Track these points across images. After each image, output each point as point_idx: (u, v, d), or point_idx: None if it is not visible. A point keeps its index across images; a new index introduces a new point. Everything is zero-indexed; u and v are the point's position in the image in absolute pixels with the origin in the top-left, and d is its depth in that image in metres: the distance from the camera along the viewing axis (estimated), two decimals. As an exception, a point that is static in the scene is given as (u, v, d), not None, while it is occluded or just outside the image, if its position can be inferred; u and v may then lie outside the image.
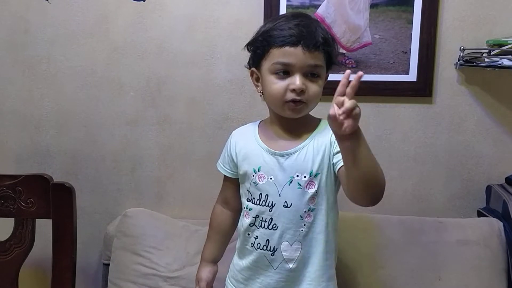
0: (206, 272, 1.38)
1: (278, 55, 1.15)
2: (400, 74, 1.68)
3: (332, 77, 1.69)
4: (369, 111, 1.73)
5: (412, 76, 1.68)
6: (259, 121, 1.33)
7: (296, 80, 1.14)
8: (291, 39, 1.13)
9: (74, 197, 1.48)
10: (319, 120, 1.28)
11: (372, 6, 1.65)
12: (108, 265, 1.69)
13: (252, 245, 1.25)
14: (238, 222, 1.34)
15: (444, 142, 1.73)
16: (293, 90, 1.15)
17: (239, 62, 1.72)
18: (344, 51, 1.68)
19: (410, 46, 1.66)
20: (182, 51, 1.74)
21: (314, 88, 1.17)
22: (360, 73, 0.96)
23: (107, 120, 1.80)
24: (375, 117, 1.74)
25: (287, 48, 1.14)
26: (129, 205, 1.81)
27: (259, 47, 1.20)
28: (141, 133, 1.80)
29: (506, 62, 1.51)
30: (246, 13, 1.70)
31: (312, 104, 1.20)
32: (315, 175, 1.20)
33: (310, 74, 1.16)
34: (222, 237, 1.40)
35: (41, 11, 1.74)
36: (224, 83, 1.75)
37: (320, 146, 1.20)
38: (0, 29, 1.77)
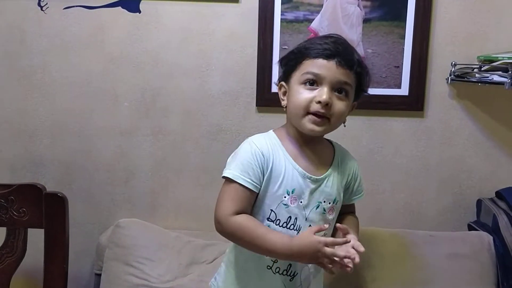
0: (310, 232, 1.12)
1: (310, 66, 1.15)
2: (392, 88, 1.70)
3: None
4: (361, 124, 1.75)
5: (404, 90, 1.70)
6: (272, 133, 1.25)
7: (324, 93, 1.13)
8: (326, 52, 1.14)
9: (67, 207, 1.47)
10: (330, 141, 1.31)
11: (365, 21, 1.67)
12: (100, 275, 1.69)
13: (269, 267, 1.20)
14: None
15: (436, 156, 1.75)
16: (319, 102, 1.13)
17: (233, 74, 1.74)
18: (337, 65, 1.70)
19: (402, 60, 1.68)
20: (177, 62, 1.75)
21: (340, 105, 1.15)
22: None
23: (101, 131, 1.80)
24: (367, 131, 1.75)
25: (320, 60, 1.14)
26: (122, 215, 1.81)
27: (292, 59, 1.20)
28: (135, 144, 1.81)
29: (496, 78, 1.52)
30: (241, 26, 1.71)
31: (335, 122, 1.17)
32: (336, 203, 1.24)
33: (338, 91, 1.15)
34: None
35: (37, 21, 1.75)
36: (218, 94, 1.76)
37: (343, 177, 1.26)
38: (-5, 38, 1.78)
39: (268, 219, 1.19)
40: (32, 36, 1.76)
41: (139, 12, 1.73)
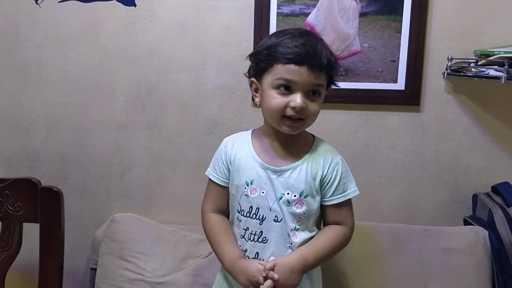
0: (256, 264, 1.20)
1: (282, 71, 1.15)
2: (389, 82, 1.70)
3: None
4: (358, 119, 1.74)
5: (400, 84, 1.69)
6: (251, 130, 1.33)
7: (297, 98, 1.15)
8: (297, 58, 1.14)
9: (62, 201, 1.47)
10: (313, 137, 1.31)
11: (362, 15, 1.67)
12: (95, 269, 1.69)
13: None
14: None
15: (432, 151, 1.75)
16: (293, 108, 1.16)
17: (229, 68, 1.73)
18: (334, 59, 1.69)
19: (399, 55, 1.68)
20: (173, 57, 1.75)
21: (313, 107, 1.18)
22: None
23: (96, 125, 1.80)
24: (363, 125, 1.75)
25: (292, 66, 1.14)
26: (117, 210, 1.81)
27: (262, 60, 1.19)
28: (131, 138, 1.80)
29: (492, 72, 1.52)
30: (237, 20, 1.71)
31: (310, 122, 1.21)
32: (305, 196, 1.22)
33: (311, 93, 1.18)
34: (233, 238, 1.29)
35: (32, 15, 1.75)
36: (214, 89, 1.75)
37: (314, 170, 1.23)
38: (-10, 32, 1.78)
39: (237, 211, 1.27)
40: (27, 29, 1.76)
41: (135, 5, 1.73)
